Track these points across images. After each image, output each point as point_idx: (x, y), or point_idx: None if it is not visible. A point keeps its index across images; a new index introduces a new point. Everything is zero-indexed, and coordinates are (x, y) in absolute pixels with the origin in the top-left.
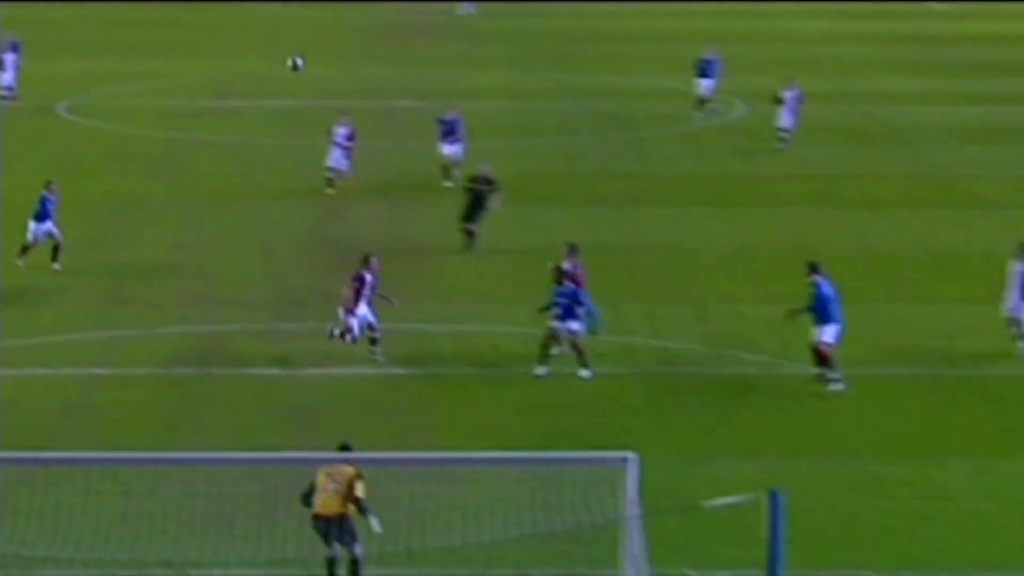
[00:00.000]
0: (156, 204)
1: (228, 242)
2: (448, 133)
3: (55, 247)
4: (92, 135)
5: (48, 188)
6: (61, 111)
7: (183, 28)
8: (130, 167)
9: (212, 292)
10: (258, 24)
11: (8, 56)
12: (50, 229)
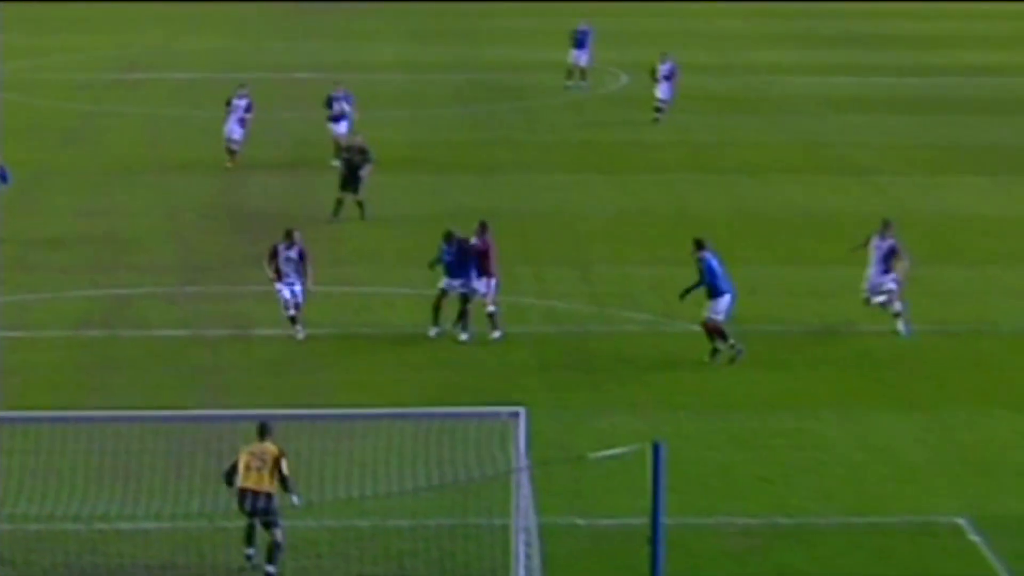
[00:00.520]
0: (66, 174)
1: (135, 210)
2: (334, 110)
3: None
4: (4, 107)
5: None
6: None
7: (91, 4)
8: (41, 138)
9: (119, 258)
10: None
11: None
12: None
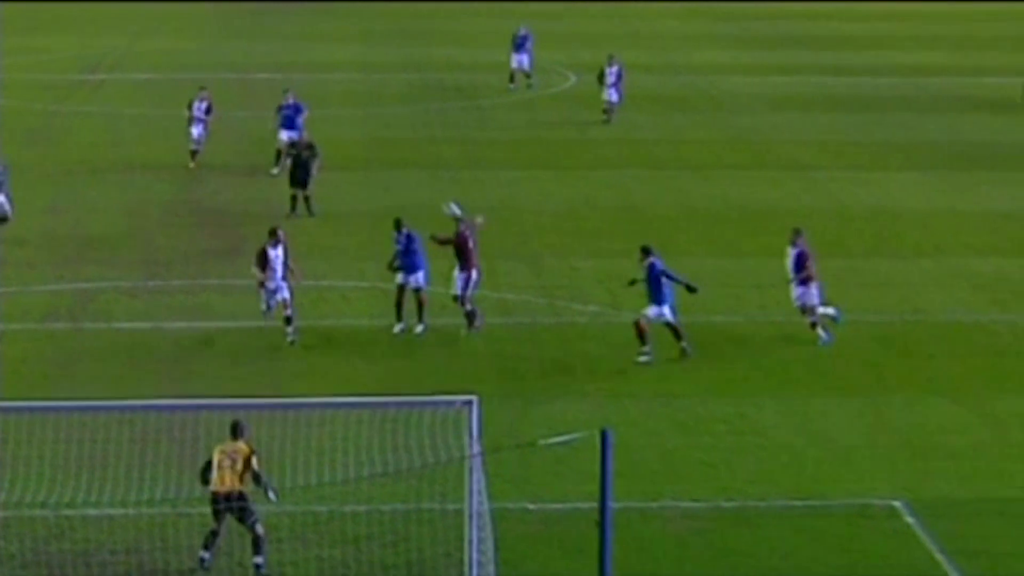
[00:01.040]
0: (31, 172)
1: (98, 207)
2: (288, 118)
3: None
4: None
5: None
6: None
7: (54, 5)
8: (6, 137)
9: (83, 253)
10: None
11: None
12: None
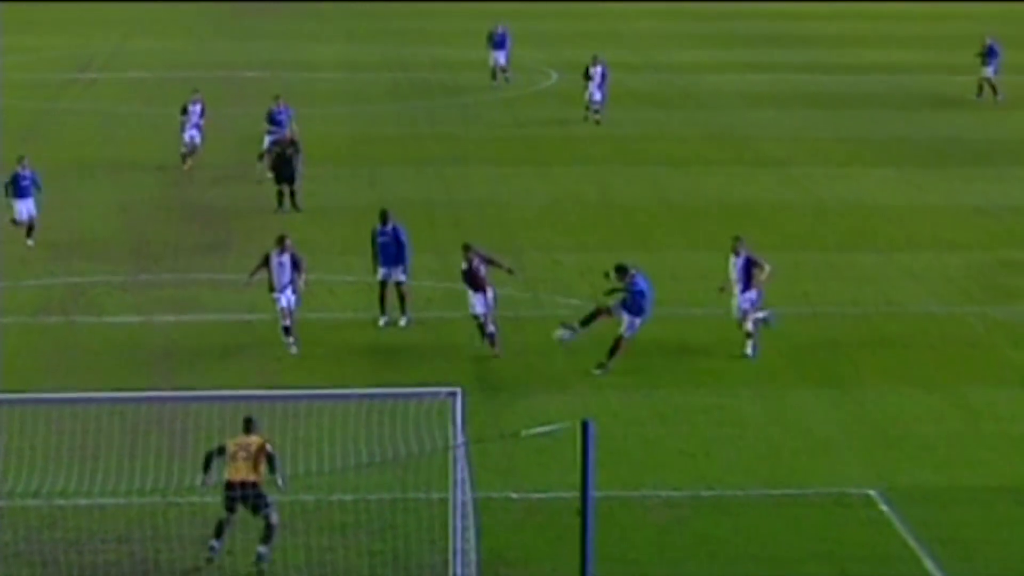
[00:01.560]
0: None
1: (90, 203)
2: (276, 123)
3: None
4: None
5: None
6: None
7: (47, 5)
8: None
9: (75, 248)
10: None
11: None
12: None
